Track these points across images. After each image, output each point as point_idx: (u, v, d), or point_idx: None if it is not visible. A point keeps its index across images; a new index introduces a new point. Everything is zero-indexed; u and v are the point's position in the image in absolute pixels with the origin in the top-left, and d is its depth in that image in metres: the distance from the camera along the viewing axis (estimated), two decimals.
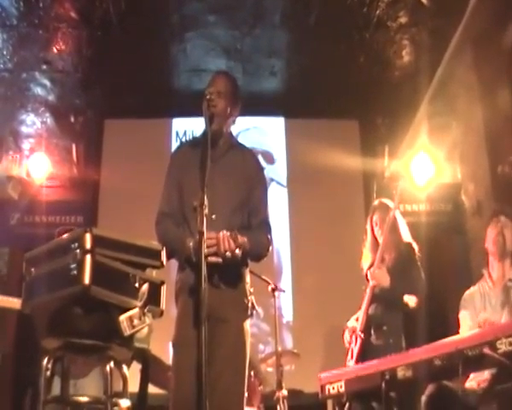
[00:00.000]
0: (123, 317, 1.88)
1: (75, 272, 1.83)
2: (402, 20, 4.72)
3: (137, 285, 1.95)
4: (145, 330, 1.94)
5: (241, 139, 3.04)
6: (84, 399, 2.16)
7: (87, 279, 1.81)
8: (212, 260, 2.21)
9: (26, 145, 5.80)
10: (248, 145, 2.74)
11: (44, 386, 1.92)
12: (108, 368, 1.93)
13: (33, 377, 1.98)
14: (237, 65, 5.32)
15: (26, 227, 5.42)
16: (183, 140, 5.74)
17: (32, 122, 5.69)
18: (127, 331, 1.88)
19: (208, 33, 4.96)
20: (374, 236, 3.49)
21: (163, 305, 2.03)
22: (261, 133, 5.94)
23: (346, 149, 5.49)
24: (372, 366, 2.62)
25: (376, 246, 3.43)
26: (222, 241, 2.24)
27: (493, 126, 4.68)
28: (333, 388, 2.73)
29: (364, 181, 5.76)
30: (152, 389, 2.71)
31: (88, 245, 1.85)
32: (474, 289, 3.17)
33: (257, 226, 2.48)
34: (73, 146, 5.75)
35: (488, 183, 4.79)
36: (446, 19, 4.46)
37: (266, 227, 2.51)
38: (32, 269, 2.04)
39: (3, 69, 5.08)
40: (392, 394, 2.58)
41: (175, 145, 5.59)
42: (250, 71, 5.41)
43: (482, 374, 2.71)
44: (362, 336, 3.22)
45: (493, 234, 3.10)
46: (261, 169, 2.66)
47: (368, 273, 3.36)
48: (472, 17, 4.18)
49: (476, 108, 4.88)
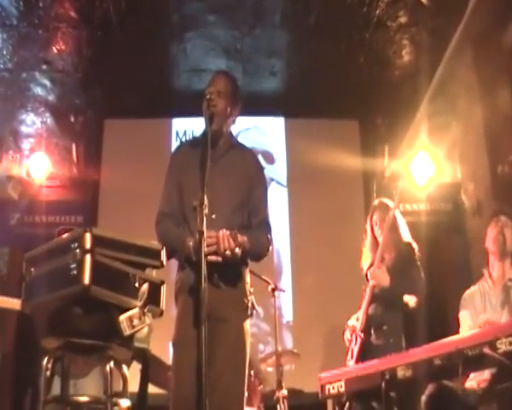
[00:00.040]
0: (123, 317, 1.88)
1: (75, 272, 1.84)
2: (402, 20, 4.72)
3: (137, 285, 1.95)
4: (145, 329, 1.95)
5: (241, 139, 3.04)
6: (84, 399, 2.16)
7: (87, 279, 1.81)
8: (212, 259, 2.21)
9: (26, 145, 5.80)
10: (248, 145, 2.74)
11: (44, 386, 1.92)
12: (108, 368, 1.93)
13: (33, 376, 1.99)
14: (237, 65, 5.31)
15: (26, 227, 5.42)
16: (183, 140, 5.73)
17: (32, 122, 5.69)
18: (127, 331, 1.88)
19: (208, 33, 4.96)
20: (373, 235, 3.49)
21: (163, 305, 2.03)
22: (261, 133, 5.94)
23: (346, 149, 5.49)
24: (372, 366, 2.61)
25: (376, 246, 3.42)
26: (222, 240, 2.24)
27: (493, 126, 4.68)
28: (333, 388, 2.73)
29: (364, 181, 5.75)
30: (152, 389, 2.71)
31: (88, 245, 1.85)
32: (474, 288, 3.16)
33: (257, 226, 2.48)
34: (73, 146, 5.75)
35: (488, 182, 4.79)
36: (446, 18, 4.45)
37: (266, 227, 2.51)
38: (32, 269, 2.04)
39: (3, 69, 5.07)
40: (392, 393, 2.58)
41: (175, 145, 5.58)
42: (250, 71, 5.41)
43: (482, 374, 2.71)
44: (362, 335, 3.22)
45: (494, 233, 3.10)
46: (261, 169, 2.66)
47: (368, 273, 3.36)
48: (472, 17, 4.17)
49: (476, 108, 4.88)
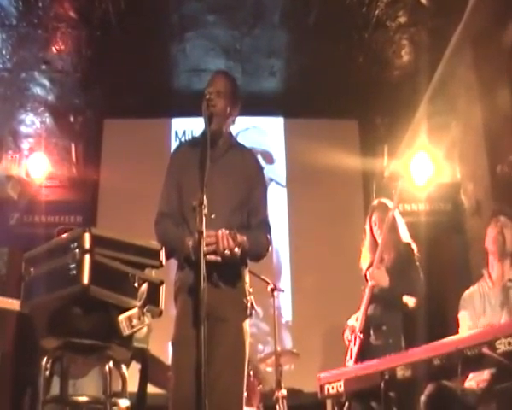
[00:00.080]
0: (122, 317, 1.88)
1: (74, 272, 1.84)
2: (401, 20, 4.72)
3: (136, 285, 1.95)
4: (144, 329, 1.94)
5: (241, 139, 3.04)
6: (84, 399, 2.16)
7: (86, 279, 1.81)
8: (211, 258, 2.21)
9: (26, 145, 5.80)
10: (248, 145, 2.74)
11: (44, 386, 1.92)
12: (108, 368, 1.93)
13: (32, 376, 1.99)
14: (237, 65, 5.31)
15: (26, 227, 5.41)
16: (183, 140, 5.73)
17: (32, 122, 5.69)
18: (126, 331, 1.88)
19: (208, 33, 4.96)
20: (373, 235, 3.49)
21: (162, 305, 2.03)
22: (260, 133, 5.93)
23: (346, 149, 5.49)
24: (371, 366, 2.61)
25: (375, 246, 3.42)
26: (221, 239, 2.23)
27: (493, 126, 4.68)
28: (332, 388, 2.73)
29: (364, 181, 5.76)
30: (151, 389, 2.71)
31: (87, 245, 1.85)
32: (474, 288, 3.16)
33: (256, 226, 2.48)
34: (73, 146, 5.75)
35: (487, 182, 4.79)
36: (446, 18, 4.45)
37: (266, 227, 2.51)
38: (32, 269, 2.04)
39: (3, 69, 5.07)
40: (391, 393, 2.58)
41: (174, 145, 5.58)
42: (249, 71, 5.41)
43: (481, 374, 2.71)
44: (361, 336, 3.22)
45: (493, 233, 3.09)
46: (261, 169, 2.66)
47: (367, 273, 3.36)
48: (471, 16, 4.17)
49: (476, 108, 4.88)
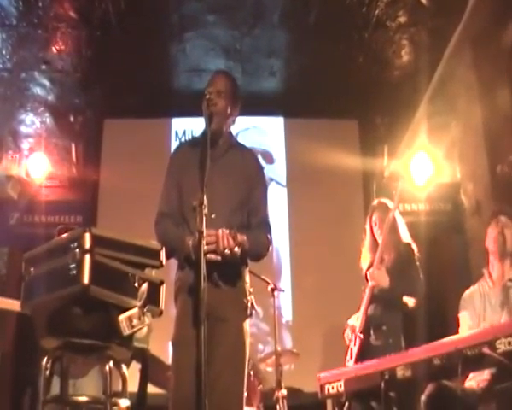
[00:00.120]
0: (122, 317, 1.88)
1: (74, 272, 1.84)
2: (401, 20, 4.72)
3: (137, 285, 1.95)
4: (144, 329, 1.94)
5: (241, 139, 3.04)
6: (84, 399, 2.16)
7: (86, 279, 1.81)
8: (212, 257, 2.21)
9: (26, 145, 5.79)
10: (248, 145, 2.74)
11: (44, 386, 1.92)
12: (108, 368, 1.93)
13: (32, 376, 1.99)
14: (237, 65, 5.31)
15: (26, 227, 5.41)
16: (183, 140, 5.73)
17: (32, 122, 5.69)
18: (126, 331, 1.88)
19: (208, 33, 4.96)
20: (373, 235, 3.49)
21: (162, 305, 2.03)
22: (260, 133, 5.93)
23: (346, 149, 5.49)
24: (371, 366, 2.62)
25: (375, 246, 3.42)
26: (221, 238, 2.23)
27: (493, 126, 4.67)
28: (332, 387, 2.73)
29: (364, 181, 5.75)
30: (151, 389, 2.71)
31: (87, 245, 1.85)
32: (474, 288, 3.16)
33: (256, 226, 2.48)
34: (73, 146, 5.74)
35: (487, 182, 4.79)
36: (446, 18, 4.45)
37: (266, 227, 2.51)
38: (32, 269, 2.04)
39: (3, 69, 5.07)
40: (391, 393, 2.58)
41: (174, 145, 5.58)
42: (249, 71, 5.41)
43: (482, 374, 2.71)
44: (361, 336, 3.22)
45: (494, 233, 3.09)
46: (261, 169, 2.66)
47: (367, 274, 3.36)
48: (471, 17, 4.17)
49: (476, 108, 4.88)
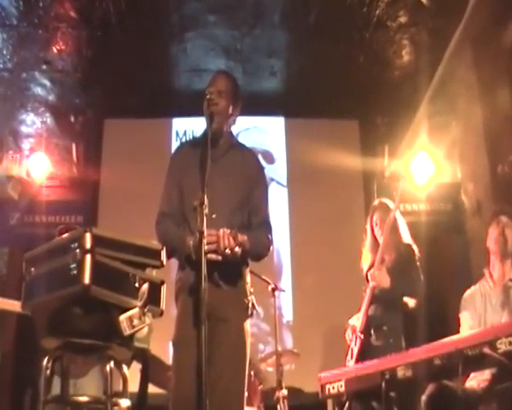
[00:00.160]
0: (123, 317, 1.88)
1: (75, 272, 1.84)
2: (402, 20, 4.72)
3: (137, 285, 1.95)
4: (145, 329, 1.94)
5: (241, 139, 3.04)
6: (84, 399, 2.16)
7: (87, 279, 1.81)
8: (212, 257, 2.21)
9: (26, 145, 5.80)
10: (248, 145, 2.74)
11: (44, 386, 1.92)
12: (108, 368, 1.93)
13: (33, 376, 1.99)
14: (237, 65, 5.31)
15: (26, 227, 5.41)
16: (183, 140, 5.73)
17: (32, 122, 5.69)
18: (127, 331, 1.88)
19: (208, 33, 4.96)
20: (374, 236, 3.48)
21: (163, 305, 2.03)
22: (261, 133, 5.93)
23: (346, 149, 5.49)
24: (372, 366, 2.62)
25: (376, 246, 3.42)
26: (222, 238, 2.24)
27: (493, 126, 4.67)
28: (333, 387, 2.73)
29: (364, 181, 5.75)
30: (152, 389, 2.71)
31: (88, 245, 1.85)
32: (475, 288, 3.16)
33: (257, 226, 2.48)
34: (73, 146, 5.75)
35: (488, 182, 4.79)
36: (446, 18, 4.45)
37: (267, 227, 2.51)
38: (32, 269, 2.04)
39: (3, 69, 5.07)
40: (392, 393, 2.58)
41: (175, 145, 5.58)
42: (250, 71, 5.41)
43: (482, 374, 2.71)
44: (361, 336, 3.22)
45: (495, 234, 3.09)
46: (261, 169, 2.66)
47: (368, 274, 3.36)
48: (472, 17, 4.18)
49: (476, 108, 4.88)
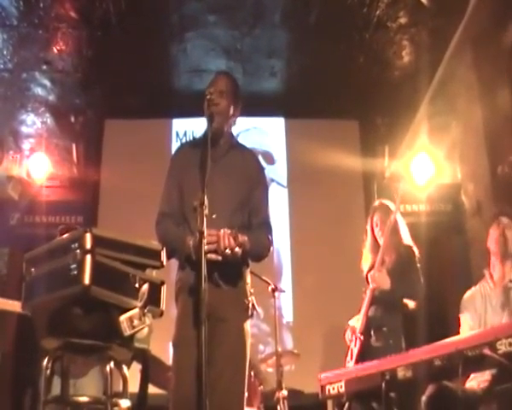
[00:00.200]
0: (123, 317, 1.88)
1: (75, 272, 1.83)
2: (402, 21, 4.72)
3: (137, 285, 1.95)
4: (145, 330, 1.94)
5: (242, 140, 3.04)
6: (84, 399, 2.16)
7: (87, 279, 1.81)
8: (212, 257, 2.22)
9: (27, 145, 5.80)
10: (248, 146, 2.74)
11: (44, 386, 1.92)
12: (108, 368, 1.93)
13: (33, 376, 1.99)
14: (237, 65, 5.31)
15: (26, 227, 5.42)
16: (184, 140, 5.74)
17: (32, 122, 5.69)
18: (127, 332, 1.88)
19: (208, 33, 4.96)
20: (374, 236, 3.48)
21: (163, 305, 2.03)
22: (261, 133, 5.93)
23: (346, 150, 5.48)
24: (372, 367, 2.62)
25: (376, 247, 3.42)
26: (222, 238, 2.24)
27: (493, 126, 4.67)
28: (333, 388, 2.74)
29: (364, 181, 5.75)
30: (152, 390, 2.70)
31: (88, 245, 1.85)
32: (475, 289, 3.16)
33: (257, 226, 2.48)
34: (73, 146, 5.75)
35: (488, 183, 4.79)
36: (446, 19, 4.45)
37: (267, 227, 2.51)
38: (32, 269, 2.04)
39: (3, 69, 5.07)
40: (392, 394, 2.58)
41: (175, 145, 5.59)
42: (250, 71, 5.41)
43: (482, 375, 2.71)
44: (361, 337, 3.21)
45: (495, 235, 3.09)
46: (262, 169, 2.66)
47: (368, 276, 3.36)
48: (472, 17, 4.18)
49: (476, 108, 4.88)
